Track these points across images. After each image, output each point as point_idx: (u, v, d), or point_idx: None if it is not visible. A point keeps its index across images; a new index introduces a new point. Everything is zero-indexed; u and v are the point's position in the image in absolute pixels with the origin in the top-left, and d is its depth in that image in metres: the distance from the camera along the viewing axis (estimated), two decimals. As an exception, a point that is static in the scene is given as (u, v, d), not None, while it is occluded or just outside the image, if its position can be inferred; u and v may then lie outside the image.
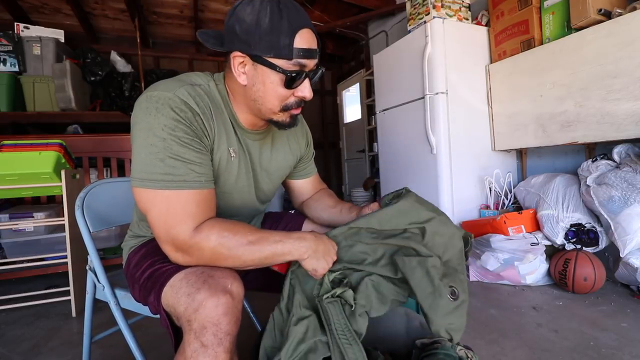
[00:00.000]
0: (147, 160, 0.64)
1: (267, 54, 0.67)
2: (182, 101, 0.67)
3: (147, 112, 0.65)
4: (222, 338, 0.57)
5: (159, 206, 0.65)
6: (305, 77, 0.72)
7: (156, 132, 0.64)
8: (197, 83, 0.74)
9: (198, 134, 0.69)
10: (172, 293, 0.63)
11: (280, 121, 0.76)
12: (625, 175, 1.51)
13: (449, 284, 0.71)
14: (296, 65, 0.69)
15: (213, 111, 0.73)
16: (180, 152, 0.65)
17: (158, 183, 0.64)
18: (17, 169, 1.57)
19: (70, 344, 1.39)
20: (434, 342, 0.77)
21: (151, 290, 0.69)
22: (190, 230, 0.64)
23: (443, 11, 2.13)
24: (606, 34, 1.55)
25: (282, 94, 0.71)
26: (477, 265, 1.81)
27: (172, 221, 0.65)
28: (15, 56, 2.79)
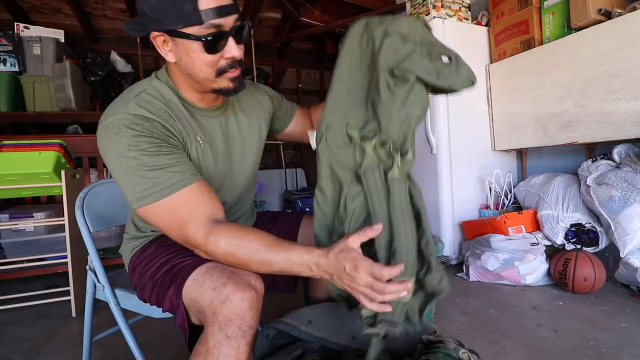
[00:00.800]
0: (131, 183, 0.66)
1: (177, 25, 0.66)
2: (134, 116, 0.67)
3: (109, 141, 0.67)
4: (245, 331, 0.59)
5: (163, 216, 0.68)
6: (227, 36, 0.68)
7: (124, 154, 0.66)
8: (140, 90, 0.73)
9: (162, 138, 0.69)
10: (196, 287, 0.65)
11: (223, 87, 0.74)
12: (625, 175, 1.51)
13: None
14: (210, 28, 0.66)
15: (168, 109, 0.73)
16: (154, 161, 0.66)
17: (151, 197, 0.66)
18: (17, 169, 1.57)
19: (70, 344, 1.39)
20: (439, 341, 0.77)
21: (170, 285, 0.70)
22: (199, 229, 0.66)
23: (443, 11, 2.13)
24: (606, 34, 1.55)
25: (209, 60, 0.69)
26: (477, 265, 1.81)
27: (178, 225, 0.68)
28: (15, 56, 2.78)
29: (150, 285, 0.76)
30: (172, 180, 0.67)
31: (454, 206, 2.08)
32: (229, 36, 0.69)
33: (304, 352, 0.89)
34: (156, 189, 0.66)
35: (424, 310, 0.69)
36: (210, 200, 0.71)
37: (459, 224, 2.08)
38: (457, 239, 2.09)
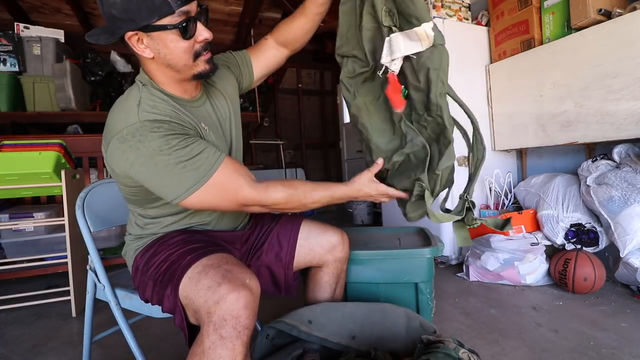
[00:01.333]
0: (175, 177, 0.70)
1: (152, 19, 0.69)
2: (150, 121, 0.71)
3: (134, 149, 0.69)
4: (240, 331, 0.59)
5: (217, 193, 0.73)
6: (195, 21, 0.74)
7: (159, 155, 0.69)
8: (137, 99, 0.76)
9: (183, 132, 0.73)
10: (191, 285, 0.65)
11: (201, 71, 0.79)
12: (625, 175, 1.51)
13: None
14: (181, 15, 0.71)
15: (173, 110, 0.77)
16: (188, 152, 0.70)
17: (199, 182, 0.71)
18: (17, 169, 1.57)
19: (70, 344, 1.39)
20: (439, 341, 0.77)
21: (168, 283, 0.71)
22: (253, 188, 0.75)
23: (443, 11, 2.13)
24: (606, 34, 1.55)
25: (186, 46, 0.74)
26: (477, 265, 1.81)
27: (234, 194, 0.74)
28: (15, 56, 2.78)
29: (151, 284, 0.76)
30: (210, 161, 0.72)
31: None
32: (197, 20, 0.74)
33: (304, 352, 0.89)
34: (202, 172, 0.70)
35: (435, 192, 0.99)
36: (241, 166, 0.79)
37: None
38: (457, 239, 2.09)
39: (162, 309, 0.74)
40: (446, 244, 2.06)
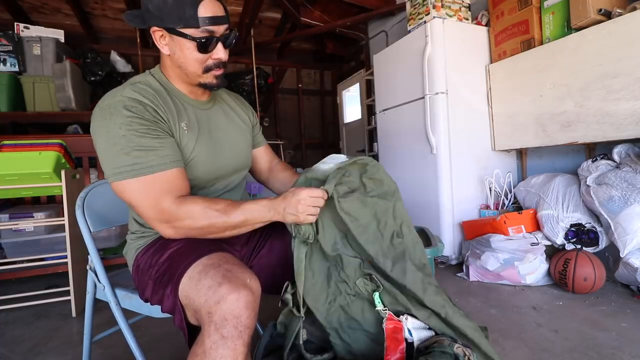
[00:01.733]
0: (114, 157, 0.72)
1: (177, 25, 0.76)
2: (130, 99, 0.75)
3: (102, 118, 0.73)
4: (241, 331, 0.60)
5: (137, 191, 0.73)
6: (217, 41, 0.80)
7: (115, 132, 0.72)
8: (136, 81, 0.82)
9: (152, 122, 0.76)
10: (192, 285, 0.65)
11: (207, 83, 0.85)
12: (625, 175, 1.51)
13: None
14: (204, 32, 0.77)
15: (159, 98, 0.80)
16: (142, 142, 0.72)
17: (129, 173, 0.72)
18: (17, 169, 1.57)
19: (70, 344, 1.39)
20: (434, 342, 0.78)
21: (168, 282, 0.71)
22: (174, 200, 0.73)
23: (443, 11, 2.13)
24: (606, 34, 1.55)
25: (199, 58, 0.80)
26: (477, 265, 1.81)
27: (153, 198, 0.73)
28: (15, 56, 2.79)
29: (151, 283, 0.76)
30: (152, 162, 0.73)
31: (454, 206, 2.08)
32: (219, 41, 0.81)
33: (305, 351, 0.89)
34: (136, 167, 0.72)
35: None
36: (184, 185, 0.78)
37: (459, 224, 2.08)
38: (457, 239, 2.10)
39: (161, 309, 0.74)
40: (446, 244, 2.06)
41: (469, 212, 2.12)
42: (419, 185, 2.21)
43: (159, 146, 0.75)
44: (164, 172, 0.74)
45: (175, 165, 0.77)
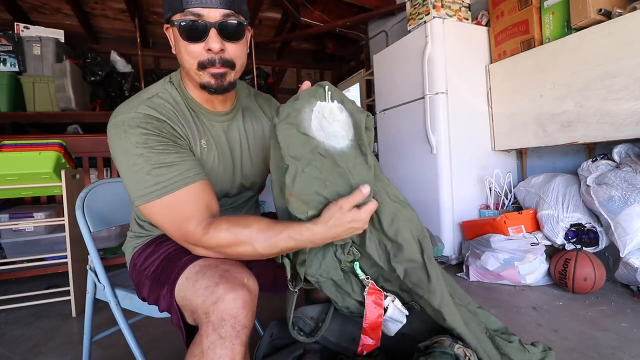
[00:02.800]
0: (136, 179, 0.68)
1: (168, 13, 0.71)
2: (144, 115, 0.70)
3: (117, 138, 0.69)
4: (239, 331, 0.59)
5: (163, 214, 0.68)
6: (206, 27, 0.69)
7: (132, 151, 0.67)
8: (153, 94, 0.76)
9: (170, 138, 0.71)
10: (189, 285, 0.65)
11: (205, 83, 0.74)
12: (625, 175, 1.51)
13: None
14: (188, 15, 0.68)
15: (177, 114, 0.75)
16: (161, 159, 0.68)
17: (153, 194, 0.67)
18: (17, 169, 1.57)
19: (70, 344, 1.39)
20: (435, 342, 0.78)
21: (164, 283, 0.70)
22: (198, 225, 0.67)
23: (443, 11, 2.13)
24: (606, 34, 1.55)
25: (190, 49, 0.71)
26: (477, 265, 1.81)
27: (179, 222, 0.68)
28: (15, 56, 2.79)
29: (148, 283, 0.76)
30: (175, 178, 0.68)
31: (454, 206, 2.08)
32: (212, 28, 0.69)
33: (304, 352, 0.89)
34: (159, 186, 0.67)
35: None
36: (211, 201, 0.72)
37: (459, 224, 2.08)
38: (457, 239, 2.10)
39: (159, 309, 0.74)
40: (446, 244, 2.06)
41: (469, 212, 2.12)
42: (419, 185, 2.21)
43: (179, 161, 0.70)
44: (187, 187, 0.69)
45: (199, 177, 0.71)
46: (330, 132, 0.67)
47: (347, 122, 0.69)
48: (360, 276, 0.79)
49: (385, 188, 0.74)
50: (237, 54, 0.75)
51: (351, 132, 0.68)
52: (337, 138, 0.68)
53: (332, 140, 0.67)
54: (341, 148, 0.67)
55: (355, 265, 0.80)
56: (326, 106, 0.68)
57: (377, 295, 0.78)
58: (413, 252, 0.73)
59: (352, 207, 0.64)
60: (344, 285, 0.82)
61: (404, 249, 0.72)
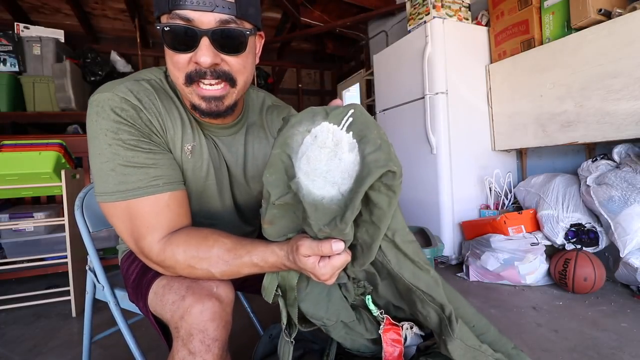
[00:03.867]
0: (99, 172, 0.60)
1: (155, 13, 0.60)
2: (121, 99, 0.60)
3: (90, 119, 0.60)
4: (209, 344, 0.55)
5: (121, 219, 0.61)
6: (194, 34, 0.56)
7: (100, 139, 0.59)
8: (145, 78, 0.66)
9: (145, 133, 0.62)
10: (157, 300, 0.62)
11: (195, 104, 0.62)
12: (625, 175, 1.51)
13: None
14: (175, 18, 0.56)
15: (162, 104, 0.65)
16: (129, 156, 0.59)
17: (114, 195, 0.59)
18: (17, 169, 1.57)
19: (70, 344, 1.39)
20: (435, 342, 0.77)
21: (139, 296, 0.68)
22: (156, 242, 0.60)
23: (443, 11, 2.13)
24: (606, 34, 1.55)
25: (175, 59, 0.59)
26: (477, 265, 1.80)
27: (136, 234, 0.61)
28: (15, 56, 2.78)
29: (131, 291, 0.75)
30: (140, 183, 0.60)
31: (454, 206, 2.08)
32: (203, 36, 0.57)
33: (305, 352, 0.89)
34: (121, 187, 0.59)
35: None
36: (178, 216, 0.63)
37: (459, 224, 2.08)
38: (457, 239, 2.09)
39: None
40: (446, 244, 2.06)
41: (469, 212, 2.12)
42: (419, 185, 2.21)
43: (150, 164, 0.61)
44: (153, 196, 0.60)
45: (168, 187, 0.62)
46: (318, 170, 0.49)
47: (352, 167, 0.48)
48: (374, 312, 0.67)
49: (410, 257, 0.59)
50: (238, 67, 0.62)
51: (348, 184, 0.48)
52: (323, 182, 0.49)
53: (314, 181, 0.49)
54: (321, 197, 0.48)
55: (368, 299, 0.66)
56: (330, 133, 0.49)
57: (395, 330, 0.67)
58: (431, 325, 0.61)
59: (313, 255, 0.51)
60: (356, 327, 0.70)
61: (420, 318, 0.62)
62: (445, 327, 0.57)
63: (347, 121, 0.48)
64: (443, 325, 0.58)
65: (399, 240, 0.57)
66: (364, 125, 0.47)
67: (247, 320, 1.28)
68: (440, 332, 0.59)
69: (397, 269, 0.59)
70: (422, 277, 0.58)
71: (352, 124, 0.48)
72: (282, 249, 0.55)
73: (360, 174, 0.46)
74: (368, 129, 0.47)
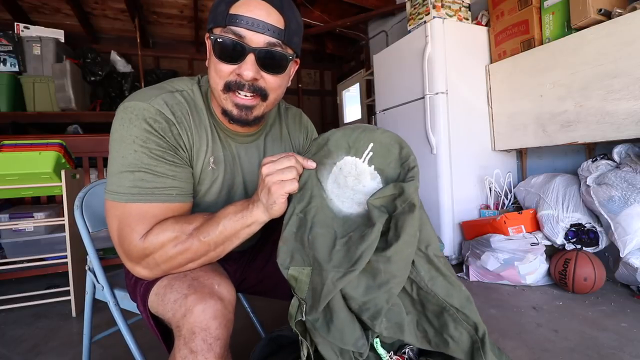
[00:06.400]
0: (117, 173, 0.63)
1: (210, 24, 0.66)
2: (156, 111, 0.64)
3: (121, 123, 0.63)
4: (211, 343, 0.55)
5: (118, 218, 0.63)
6: (243, 50, 0.63)
7: (127, 144, 0.62)
8: (178, 89, 0.71)
9: (172, 145, 0.66)
10: (158, 301, 0.62)
11: (227, 109, 0.68)
12: (625, 175, 1.51)
13: None
14: (229, 33, 0.62)
15: (192, 119, 0.69)
16: (151, 165, 0.63)
17: (124, 196, 0.62)
18: (17, 169, 1.57)
19: (70, 344, 1.39)
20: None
21: (139, 298, 0.69)
22: (140, 236, 0.62)
23: (443, 11, 2.13)
24: (606, 34, 1.55)
25: (219, 68, 0.65)
26: (477, 265, 1.80)
27: (125, 231, 0.62)
28: (15, 56, 2.79)
29: (132, 292, 0.75)
30: (156, 190, 0.63)
31: (454, 206, 2.08)
32: (250, 53, 0.63)
33: (304, 352, 0.89)
34: (134, 190, 0.62)
35: None
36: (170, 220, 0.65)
37: (459, 224, 2.08)
38: (457, 239, 2.09)
39: None
40: (446, 244, 2.06)
41: (469, 212, 2.12)
42: (419, 185, 2.20)
43: (170, 174, 0.65)
44: (163, 204, 0.64)
45: (182, 199, 0.67)
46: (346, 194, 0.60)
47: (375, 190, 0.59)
48: (383, 357, 0.65)
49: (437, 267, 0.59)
50: (274, 85, 0.68)
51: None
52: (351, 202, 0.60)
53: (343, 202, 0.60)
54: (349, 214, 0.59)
55: (377, 343, 0.65)
56: (354, 165, 0.60)
57: None
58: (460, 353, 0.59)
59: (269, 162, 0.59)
60: None
61: (450, 346, 0.59)
62: (477, 351, 0.57)
63: (368, 155, 0.61)
64: (475, 348, 0.57)
65: (432, 254, 0.58)
66: (383, 157, 0.60)
67: (247, 320, 1.28)
68: (472, 357, 0.58)
69: (430, 285, 0.58)
70: (454, 294, 0.58)
71: (373, 158, 0.60)
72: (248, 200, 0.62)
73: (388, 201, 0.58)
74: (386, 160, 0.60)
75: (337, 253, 0.55)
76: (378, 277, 0.53)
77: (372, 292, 0.53)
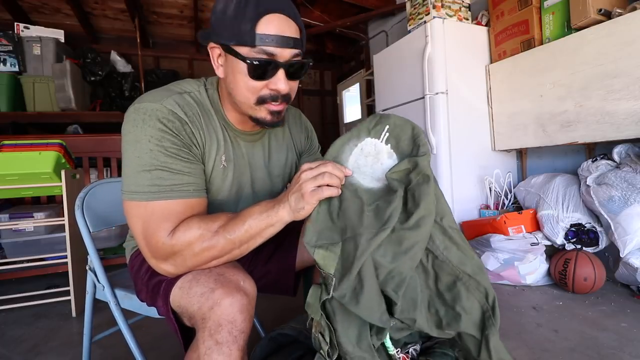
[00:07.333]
0: (134, 172, 0.64)
1: (231, 41, 0.65)
2: (169, 111, 0.66)
3: (134, 124, 0.65)
4: (236, 336, 0.57)
5: (142, 218, 0.64)
6: (276, 67, 0.66)
7: (142, 144, 0.64)
8: (186, 90, 0.73)
9: (186, 143, 0.68)
10: (183, 294, 0.63)
11: (260, 118, 0.71)
12: (625, 175, 1.51)
13: None
14: (261, 53, 0.64)
15: (203, 119, 0.72)
16: (168, 162, 0.65)
17: (144, 195, 0.63)
18: (17, 169, 1.57)
19: (70, 344, 1.39)
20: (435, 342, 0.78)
21: (158, 293, 0.69)
22: (167, 233, 0.63)
23: (443, 11, 2.13)
24: (606, 34, 1.55)
25: (252, 85, 0.67)
26: (477, 265, 1.80)
27: (151, 229, 0.63)
28: (15, 56, 2.79)
29: (145, 289, 0.75)
30: (173, 187, 0.65)
31: (454, 206, 2.08)
32: (280, 68, 0.67)
33: (305, 353, 0.89)
34: (153, 188, 0.63)
35: None
36: (194, 217, 0.67)
37: (459, 223, 2.08)
38: (457, 239, 2.09)
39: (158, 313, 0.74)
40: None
41: (469, 212, 2.12)
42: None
43: (186, 171, 0.67)
44: (182, 200, 0.65)
45: (199, 194, 0.69)
46: (366, 172, 0.66)
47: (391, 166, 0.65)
48: (390, 351, 0.67)
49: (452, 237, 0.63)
50: (294, 88, 0.74)
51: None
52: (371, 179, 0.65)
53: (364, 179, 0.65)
54: (370, 188, 0.64)
55: (386, 340, 0.66)
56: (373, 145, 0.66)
57: None
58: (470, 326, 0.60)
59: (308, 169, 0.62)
60: None
61: (462, 319, 0.60)
62: (488, 319, 0.60)
63: (385, 135, 0.67)
64: (486, 317, 0.60)
65: (447, 225, 0.63)
66: (397, 137, 0.66)
67: (247, 320, 1.28)
68: (484, 327, 0.60)
69: (445, 253, 0.62)
70: (467, 262, 0.62)
71: (389, 137, 0.67)
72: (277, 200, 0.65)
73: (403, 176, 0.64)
74: (400, 139, 0.66)
75: (368, 217, 0.60)
76: (404, 244, 0.57)
77: (399, 258, 0.57)
